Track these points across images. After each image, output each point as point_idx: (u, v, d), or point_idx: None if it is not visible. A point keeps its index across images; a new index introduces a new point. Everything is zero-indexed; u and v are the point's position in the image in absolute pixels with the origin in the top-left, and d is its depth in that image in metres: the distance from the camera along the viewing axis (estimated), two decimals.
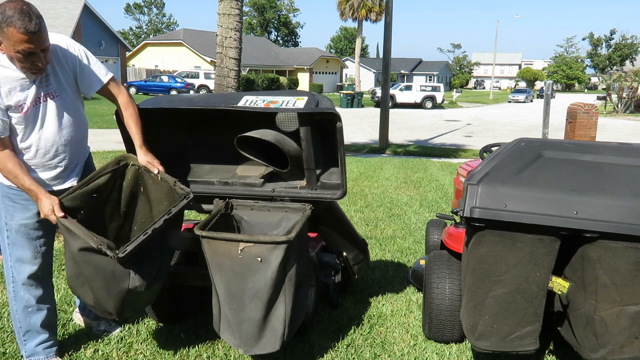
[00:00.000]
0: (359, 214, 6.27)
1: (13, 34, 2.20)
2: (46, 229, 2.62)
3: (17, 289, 2.65)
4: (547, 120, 10.93)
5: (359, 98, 31.73)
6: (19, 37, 2.20)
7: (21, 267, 2.61)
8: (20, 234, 2.57)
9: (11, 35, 2.20)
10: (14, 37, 2.20)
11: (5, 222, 2.58)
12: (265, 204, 2.95)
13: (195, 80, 33.38)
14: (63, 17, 30.21)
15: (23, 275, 2.62)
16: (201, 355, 2.92)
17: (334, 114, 2.67)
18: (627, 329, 2.32)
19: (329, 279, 3.45)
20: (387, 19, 13.28)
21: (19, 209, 2.54)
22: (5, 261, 2.65)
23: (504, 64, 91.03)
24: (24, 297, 2.65)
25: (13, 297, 2.67)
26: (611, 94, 33.36)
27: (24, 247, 2.59)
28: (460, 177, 4.34)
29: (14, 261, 2.62)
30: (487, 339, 2.47)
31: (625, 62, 65.58)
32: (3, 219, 2.58)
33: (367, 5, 39.94)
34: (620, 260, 2.25)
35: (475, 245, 2.39)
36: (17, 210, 2.55)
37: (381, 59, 17.02)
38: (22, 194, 2.51)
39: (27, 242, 2.58)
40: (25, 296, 2.65)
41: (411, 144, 14.32)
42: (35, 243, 2.60)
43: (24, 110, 2.41)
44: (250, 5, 68.33)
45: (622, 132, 19.58)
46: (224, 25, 8.00)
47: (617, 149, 2.69)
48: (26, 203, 2.53)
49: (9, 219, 2.56)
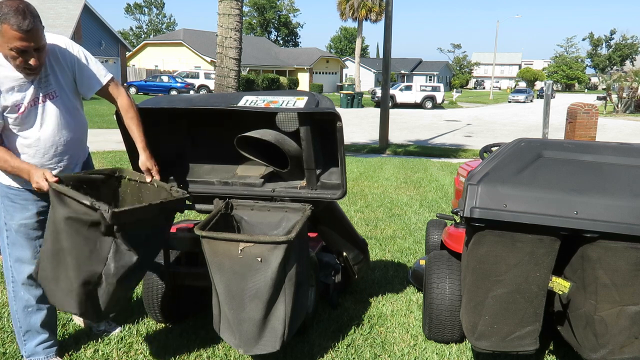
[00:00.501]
0: (359, 214, 6.27)
1: (7, 31, 2.23)
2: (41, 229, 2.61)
3: (17, 288, 2.65)
4: (547, 120, 10.93)
5: (359, 98, 31.73)
6: (12, 34, 2.23)
7: (21, 267, 2.61)
8: (20, 234, 2.57)
9: (5, 32, 2.23)
10: (7, 34, 2.23)
11: (4, 222, 2.58)
12: (265, 204, 2.95)
13: (196, 81, 33.38)
14: (63, 17, 30.22)
15: (23, 275, 2.62)
16: (201, 356, 2.92)
17: (334, 113, 2.67)
18: (627, 329, 2.32)
19: (329, 279, 3.45)
20: (387, 19, 13.28)
21: (19, 209, 2.55)
22: (5, 261, 2.65)
23: (504, 64, 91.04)
24: (24, 297, 2.65)
25: (13, 297, 2.68)
26: (611, 94, 33.36)
27: (23, 247, 2.59)
28: (460, 177, 4.34)
29: (13, 261, 2.62)
30: (487, 339, 2.47)
31: (626, 62, 65.59)
32: (2, 219, 2.59)
33: (367, 5, 39.95)
34: (620, 260, 2.25)
35: (475, 245, 2.39)
36: (17, 210, 2.55)
37: (381, 59, 17.02)
38: (21, 194, 2.52)
39: (26, 242, 2.59)
40: (25, 296, 2.65)
41: (411, 144, 14.32)
42: (35, 243, 2.60)
43: (20, 110, 2.41)
44: (250, 5, 68.35)
45: (622, 132, 19.58)
46: (224, 25, 8.01)
47: (617, 149, 2.69)
48: (25, 203, 2.54)
49: (9, 219, 2.57)
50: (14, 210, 2.55)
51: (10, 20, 2.21)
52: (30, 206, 2.54)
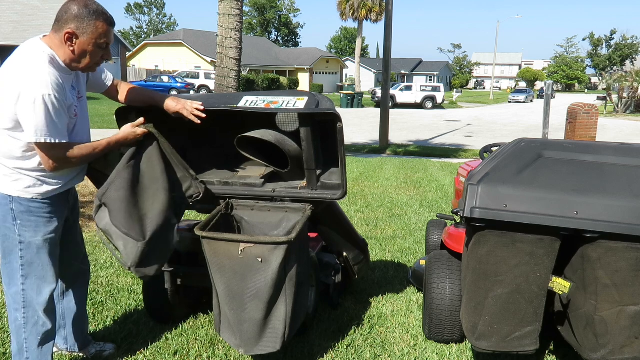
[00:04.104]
0: (359, 214, 6.27)
1: (101, 26, 2.25)
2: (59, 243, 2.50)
3: (31, 314, 2.41)
4: (547, 120, 10.93)
5: (359, 98, 31.72)
6: (106, 30, 2.27)
7: (42, 287, 2.41)
8: (43, 250, 2.37)
9: (99, 27, 2.25)
10: (101, 29, 2.25)
11: (20, 241, 2.33)
12: (265, 204, 2.95)
13: (196, 81, 33.37)
14: None
15: (43, 296, 2.41)
16: (201, 356, 2.92)
17: (335, 114, 2.67)
18: (628, 329, 2.32)
19: (329, 279, 3.45)
20: (387, 17, 13.28)
21: (44, 222, 2.36)
22: (11, 286, 2.40)
23: (504, 64, 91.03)
24: (39, 323, 2.42)
25: (22, 325, 2.41)
26: (611, 94, 33.35)
27: (45, 266, 2.39)
28: (460, 177, 4.34)
29: (30, 283, 2.38)
30: (487, 339, 2.47)
31: (626, 62, 65.56)
32: (15, 239, 2.33)
33: (368, 5, 39.94)
34: (621, 260, 2.25)
35: (475, 246, 2.40)
36: (42, 224, 2.35)
37: (381, 59, 17.03)
38: (46, 206, 2.35)
39: (49, 259, 2.40)
40: (41, 320, 2.42)
41: (411, 144, 14.32)
42: (55, 259, 2.44)
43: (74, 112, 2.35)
44: (251, 6, 68.35)
45: (622, 132, 19.57)
46: (224, 25, 8.00)
47: (617, 149, 2.69)
48: (51, 216, 2.38)
49: (31, 236, 2.34)
50: (38, 224, 2.34)
51: (103, 16, 2.25)
52: (55, 218, 2.39)
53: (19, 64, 2.21)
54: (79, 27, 2.22)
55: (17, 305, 2.40)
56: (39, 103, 2.12)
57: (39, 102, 2.12)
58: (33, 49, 2.24)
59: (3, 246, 2.36)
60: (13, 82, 2.16)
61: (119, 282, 3.93)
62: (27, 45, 2.27)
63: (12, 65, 2.21)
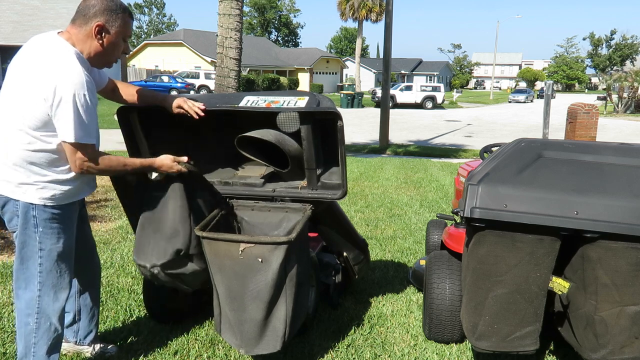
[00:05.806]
0: (360, 214, 6.27)
1: (128, 21, 2.28)
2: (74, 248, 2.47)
3: (43, 320, 2.36)
4: (548, 120, 10.93)
5: (359, 98, 31.73)
6: (130, 23, 2.30)
7: (58, 293, 2.37)
8: (61, 257, 2.34)
9: (127, 22, 2.28)
10: (128, 23, 2.29)
11: (39, 249, 2.29)
12: (265, 204, 2.95)
13: (196, 81, 33.37)
14: (64, 17, 30.13)
15: (59, 303, 2.38)
16: (201, 355, 2.92)
17: (335, 113, 2.67)
18: (628, 329, 2.32)
19: (329, 279, 3.45)
20: (387, 17, 13.29)
21: (64, 229, 2.33)
22: (29, 291, 2.35)
23: (504, 64, 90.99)
24: (51, 329, 2.38)
25: (34, 329, 2.35)
26: (611, 94, 33.35)
27: (62, 273, 2.36)
28: (460, 177, 4.34)
29: (46, 290, 2.34)
30: (487, 339, 2.47)
31: (626, 62, 65.49)
32: (35, 246, 2.28)
33: (368, 5, 39.97)
34: (621, 260, 2.25)
35: (475, 246, 2.40)
36: (63, 231, 2.33)
37: (381, 59, 17.03)
38: (66, 213, 2.32)
39: (65, 265, 2.37)
40: (54, 327, 2.39)
41: (411, 144, 14.32)
42: (71, 265, 2.42)
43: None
44: (251, 6, 68.34)
45: (623, 132, 19.58)
46: (225, 25, 8.01)
47: (618, 149, 2.69)
48: (69, 223, 2.36)
49: (53, 243, 2.30)
50: (59, 232, 2.31)
51: (127, 10, 2.29)
52: (73, 224, 2.38)
53: (47, 62, 2.14)
54: (108, 20, 2.22)
55: (30, 310, 2.35)
56: (76, 103, 2.10)
57: (76, 101, 2.10)
58: (58, 46, 2.19)
59: (22, 252, 2.31)
60: (44, 81, 2.10)
61: (119, 282, 3.93)
62: (48, 42, 2.21)
63: (38, 63, 2.15)
